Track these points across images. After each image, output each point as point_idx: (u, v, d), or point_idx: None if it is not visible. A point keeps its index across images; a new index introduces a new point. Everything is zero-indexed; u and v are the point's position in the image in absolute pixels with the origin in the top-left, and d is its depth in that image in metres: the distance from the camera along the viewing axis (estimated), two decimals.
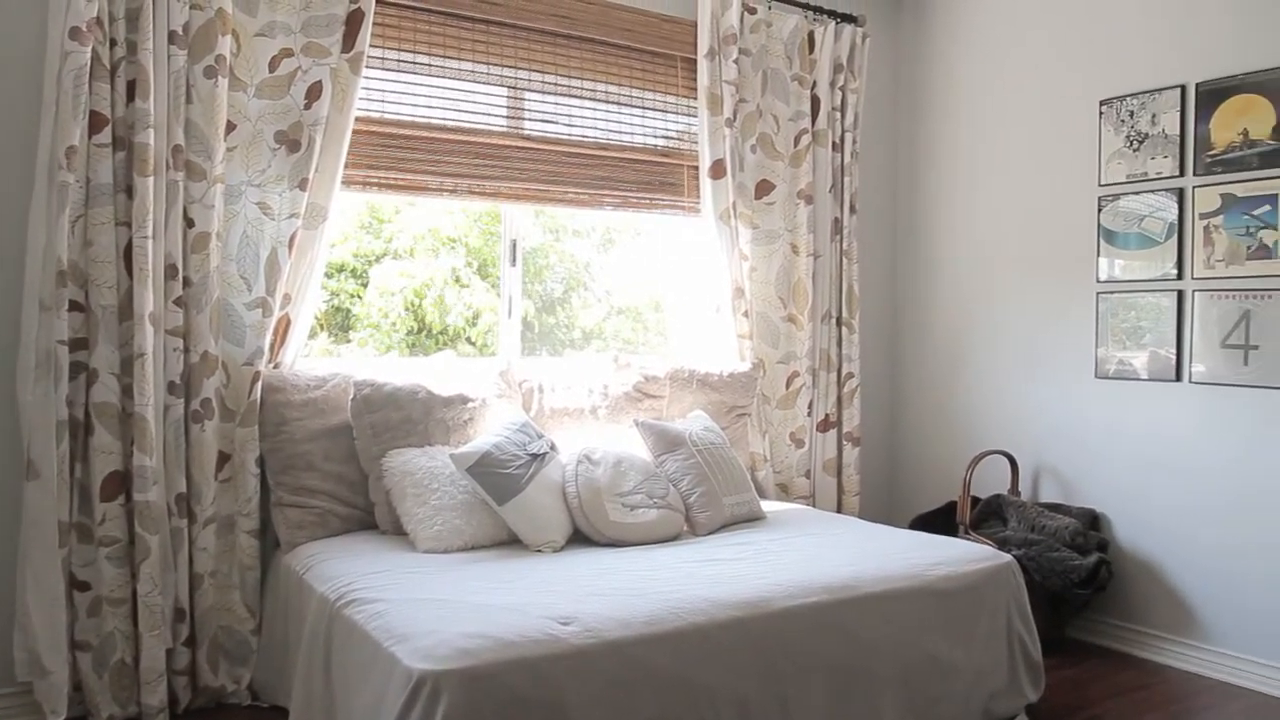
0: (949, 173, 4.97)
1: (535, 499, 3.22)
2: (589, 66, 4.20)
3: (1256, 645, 3.76)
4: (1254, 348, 3.77)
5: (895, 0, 5.19)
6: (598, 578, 2.83)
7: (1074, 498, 4.38)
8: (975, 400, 4.82)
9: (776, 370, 4.54)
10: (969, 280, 4.86)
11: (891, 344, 5.24)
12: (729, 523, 3.63)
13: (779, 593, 2.74)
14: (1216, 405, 3.89)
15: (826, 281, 4.65)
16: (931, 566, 3.08)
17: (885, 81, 5.16)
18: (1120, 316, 4.19)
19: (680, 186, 4.46)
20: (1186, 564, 3.99)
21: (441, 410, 3.47)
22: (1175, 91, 4.01)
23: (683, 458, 3.66)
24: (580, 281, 4.73)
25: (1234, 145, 3.83)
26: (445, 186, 3.87)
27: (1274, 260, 3.71)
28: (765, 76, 4.50)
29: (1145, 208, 4.10)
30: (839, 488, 4.70)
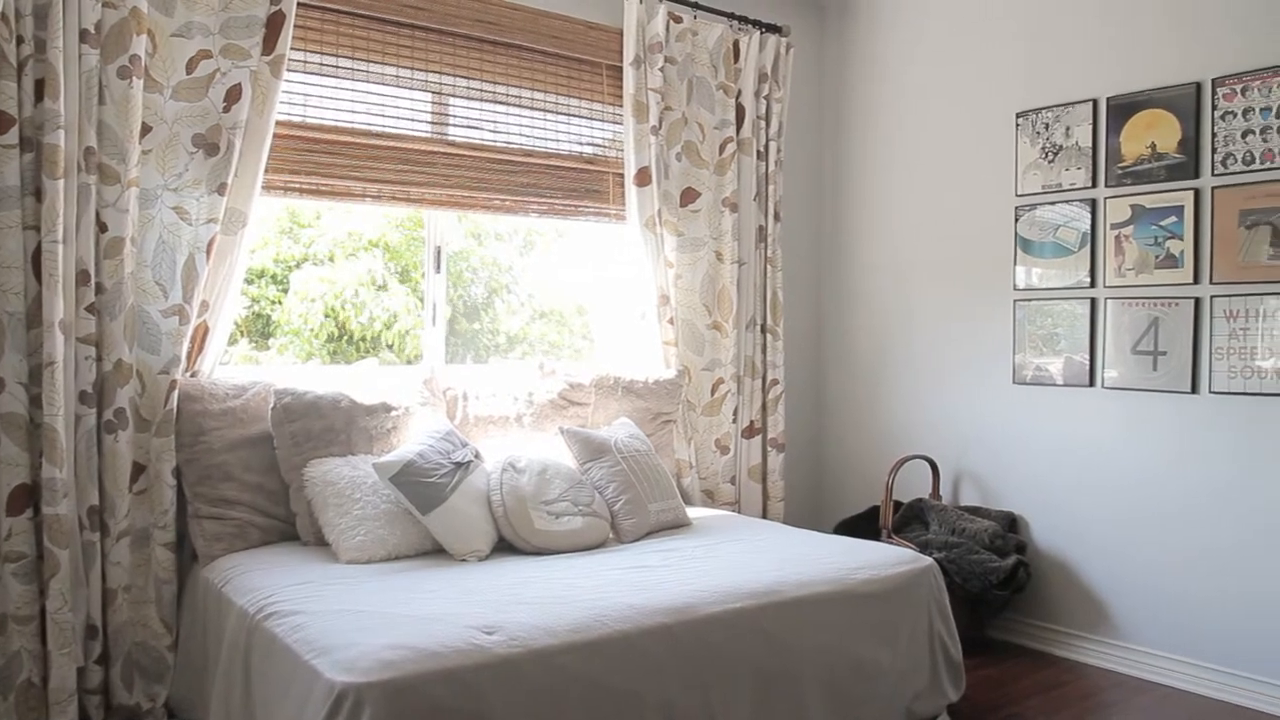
0: (871, 182, 5.05)
1: (459, 508, 3.19)
2: (514, 73, 4.18)
3: (1166, 641, 3.88)
4: (1162, 354, 3.89)
5: (819, 12, 5.26)
6: (523, 586, 2.81)
7: (993, 501, 4.47)
8: (897, 406, 4.90)
9: (702, 377, 4.56)
10: (891, 288, 4.94)
11: (815, 351, 5.30)
12: (654, 530, 3.64)
13: (704, 599, 2.76)
14: (1128, 409, 4.01)
15: (751, 289, 4.69)
16: (854, 570, 3.12)
17: (809, 91, 5.22)
18: (1037, 324, 4.29)
19: (606, 194, 4.47)
20: (1100, 564, 4.10)
21: (364, 419, 3.42)
22: (1088, 105, 4.13)
23: (608, 465, 3.66)
24: (503, 285, 4.71)
25: (1143, 158, 3.96)
26: (369, 192, 3.82)
27: (1180, 269, 3.84)
28: (691, 85, 4.53)
29: (1060, 217, 4.21)
30: (764, 493, 4.74)
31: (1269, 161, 3.62)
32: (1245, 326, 3.67)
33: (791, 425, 5.06)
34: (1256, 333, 3.64)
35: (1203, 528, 3.79)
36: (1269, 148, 3.62)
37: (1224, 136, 3.73)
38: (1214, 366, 3.75)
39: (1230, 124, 3.72)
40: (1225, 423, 3.74)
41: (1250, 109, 3.66)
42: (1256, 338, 3.64)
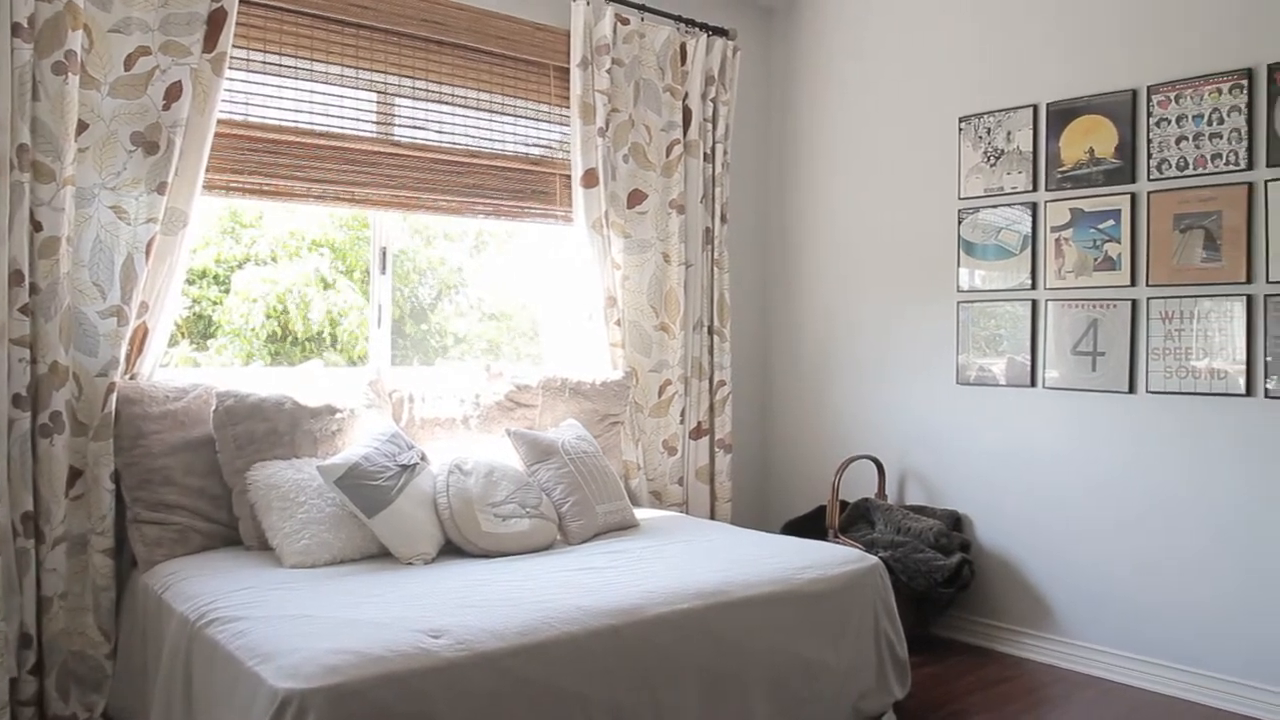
0: (817, 184, 5.09)
1: (405, 511, 3.17)
2: (460, 73, 4.16)
3: (1107, 636, 3.96)
4: (1101, 354, 3.97)
5: (766, 16, 5.30)
6: (470, 589, 2.80)
7: (938, 500, 4.53)
8: (843, 407, 4.94)
9: (649, 378, 4.57)
10: (837, 289, 4.99)
11: (762, 352, 5.33)
12: (602, 531, 3.64)
13: (652, 600, 2.76)
14: (1068, 409, 4.08)
15: (698, 290, 4.71)
16: (801, 570, 3.14)
17: (756, 95, 5.26)
18: (980, 325, 4.35)
19: (553, 195, 4.46)
20: (1043, 561, 4.17)
21: (309, 421, 3.38)
22: (1028, 111, 4.20)
23: (555, 467, 3.65)
24: (452, 287, 4.69)
25: (1082, 162, 4.03)
26: (312, 193, 3.78)
27: (1118, 272, 3.92)
28: (638, 87, 4.53)
29: (1002, 220, 4.28)
30: (712, 494, 4.76)
31: (1201, 167, 3.71)
32: (1180, 328, 3.75)
33: (739, 426, 5.09)
34: (1191, 334, 3.72)
35: (1140, 525, 3.88)
36: (1201, 154, 3.71)
37: (1159, 142, 3.82)
38: (1150, 367, 3.83)
39: (1165, 130, 3.80)
40: (1162, 422, 3.82)
41: (1184, 116, 3.75)
42: (1191, 338, 3.72)
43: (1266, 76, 3.57)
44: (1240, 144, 3.62)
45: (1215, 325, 3.67)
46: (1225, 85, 3.66)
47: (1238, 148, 3.63)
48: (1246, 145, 3.61)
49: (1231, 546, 3.64)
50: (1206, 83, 3.70)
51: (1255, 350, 3.59)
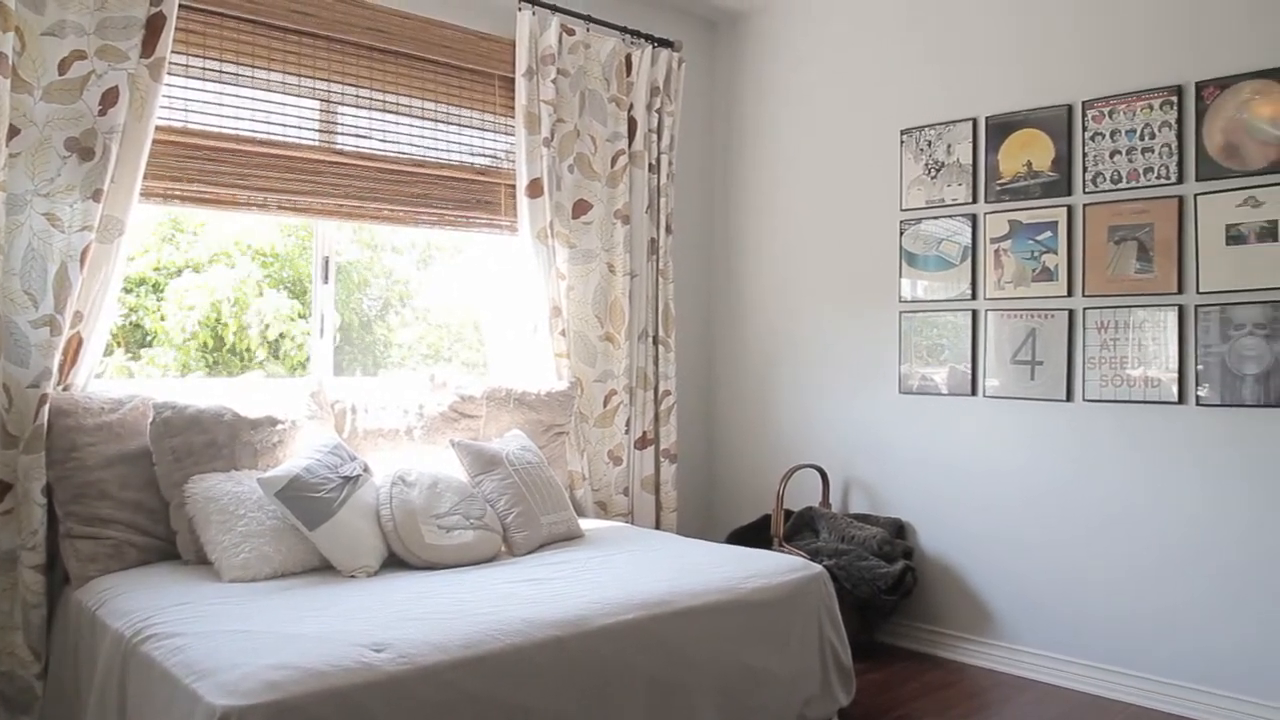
0: (762, 195, 5.13)
1: (348, 523, 3.13)
2: (405, 82, 4.14)
3: (1046, 640, 4.03)
4: (1039, 363, 4.04)
5: (710, 28, 5.33)
6: (413, 602, 2.77)
7: (881, 508, 4.58)
8: (788, 416, 4.97)
9: (594, 389, 4.57)
10: (781, 299, 5.02)
11: (707, 362, 5.35)
12: (547, 542, 3.63)
13: (597, 610, 2.75)
14: (1008, 417, 4.15)
15: (643, 301, 4.72)
16: (746, 579, 3.16)
17: (701, 106, 5.29)
18: (922, 334, 4.41)
19: (498, 205, 4.45)
20: (983, 567, 4.23)
21: (249, 433, 3.33)
22: (968, 124, 4.27)
23: (500, 478, 3.63)
24: (399, 297, 4.65)
25: (1020, 175, 4.11)
26: (254, 201, 3.73)
27: (1055, 283, 3.99)
28: (583, 97, 4.54)
29: (943, 231, 4.34)
30: (657, 504, 4.77)
31: (1134, 181, 3.80)
32: (1115, 337, 3.83)
33: (684, 436, 5.10)
34: (1126, 343, 3.80)
35: (1078, 530, 3.95)
36: (1134, 167, 3.79)
37: (1094, 156, 3.90)
38: (1087, 375, 3.91)
39: (1099, 144, 3.89)
40: (1098, 429, 3.90)
41: (1117, 130, 3.84)
42: (1126, 348, 3.80)
43: (1195, 94, 3.67)
44: (1171, 158, 3.71)
45: (1149, 335, 3.76)
46: (1156, 101, 3.75)
47: (1169, 162, 3.72)
48: (1177, 160, 3.70)
49: (1165, 550, 3.72)
50: (1139, 99, 3.79)
51: (1187, 359, 3.68)
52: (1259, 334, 3.51)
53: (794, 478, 4.71)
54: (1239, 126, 3.57)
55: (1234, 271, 3.57)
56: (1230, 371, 3.57)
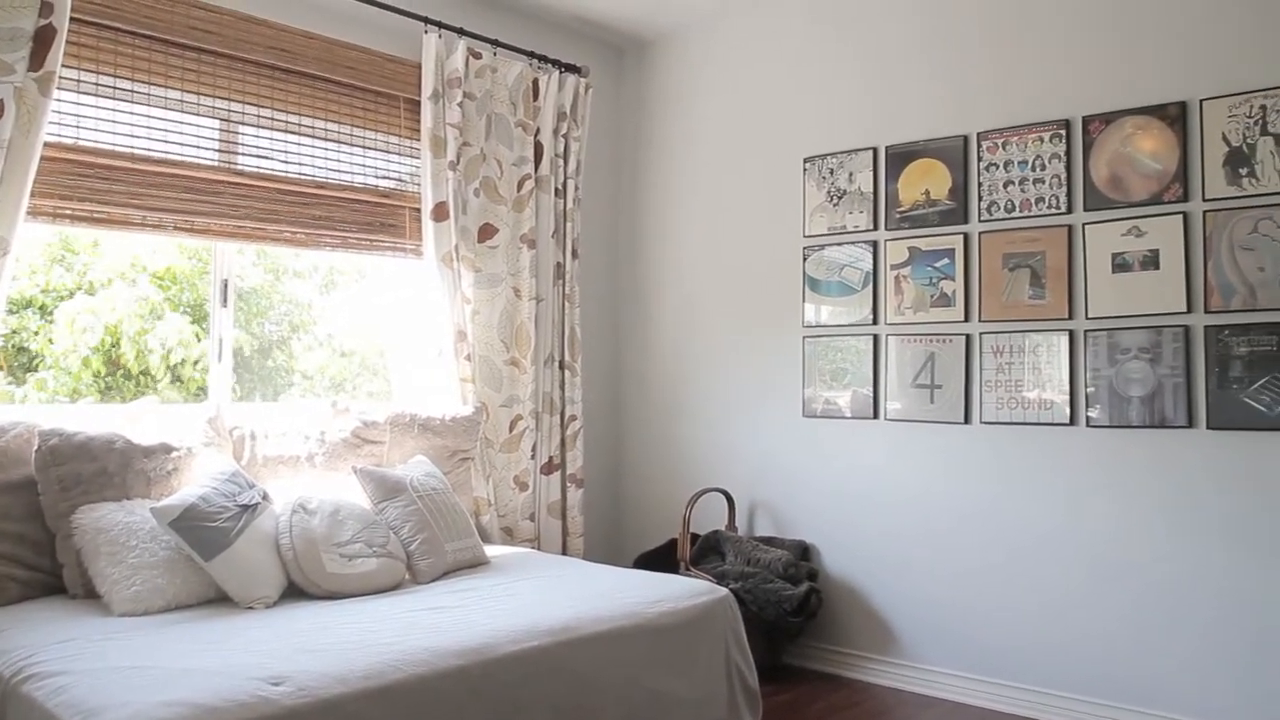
0: (667, 221, 5.17)
1: (245, 552, 3.05)
2: (308, 102, 4.08)
3: (949, 658, 4.10)
4: (938, 387, 4.13)
5: (618, 54, 5.37)
6: (313, 633, 2.71)
7: (786, 530, 4.62)
8: (694, 440, 5.00)
9: (500, 414, 4.53)
10: (687, 324, 5.06)
11: (613, 386, 5.36)
12: (452, 569, 3.58)
13: (502, 638, 2.73)
14: (908, 440, 4.23)
15: (549, 325, 4.71)
16: (652, 604, 3.15)
17: (608, 131, 5.32)
18: (825, 359, 4.48)
19: (402, 228, 4.40)
20: (887, 587, 4.30)
21: (141, 461, 3.23)
22: (869, 153, 4.37)
23: (403, 504, 3.58)
24: (301, 323, 4.56)
25: (918, 203, 4.21)
26: (149, 222, 3.63)
27: (953, 308, 4.10)
28: (490, 121, 4.53)
29: (845, 258, 4.43)
30: (564, 530, 4.74)
31: (1026, 210, 3.93)
32: (1010, 361, 3.95)
33: (590, 461, 5.10)
34: (1021, 367, 3.92)
35: (977, 550, 4.04)
36: (1026, 197, 3.92)
37: (989, 186, 4.03)
38: (984, 398, 4.01)
39: (994, 175, 4.01)
40: (995, 451, 4.00)
41: (1010, 161, 3.97)
42: (1021, 371, 3.92)
43: (1082, 128, 3.82)
44: (1061, 189, 3.85)
45: (1043, 359, 3.88)
46: (1046, 134, 3.89)
47: (1059, 192, 3.86)
48: (1066, 190, 3.84)
49: (1058, 565, 3.83)
50: (1030, 131, 3.93)
51: (1077, 382, 3.80)
52: (1143, 358, 3.65)
53: (700, 501, 4.73)
54: (1123, 160, 3.73)
55: (1120, 298, 3.71)
56: (1118, 394, 3.71)
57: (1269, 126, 3.44)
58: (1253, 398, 3.44)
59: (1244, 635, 3.45)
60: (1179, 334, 3.58)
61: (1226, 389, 3.49)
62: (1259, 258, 3.45)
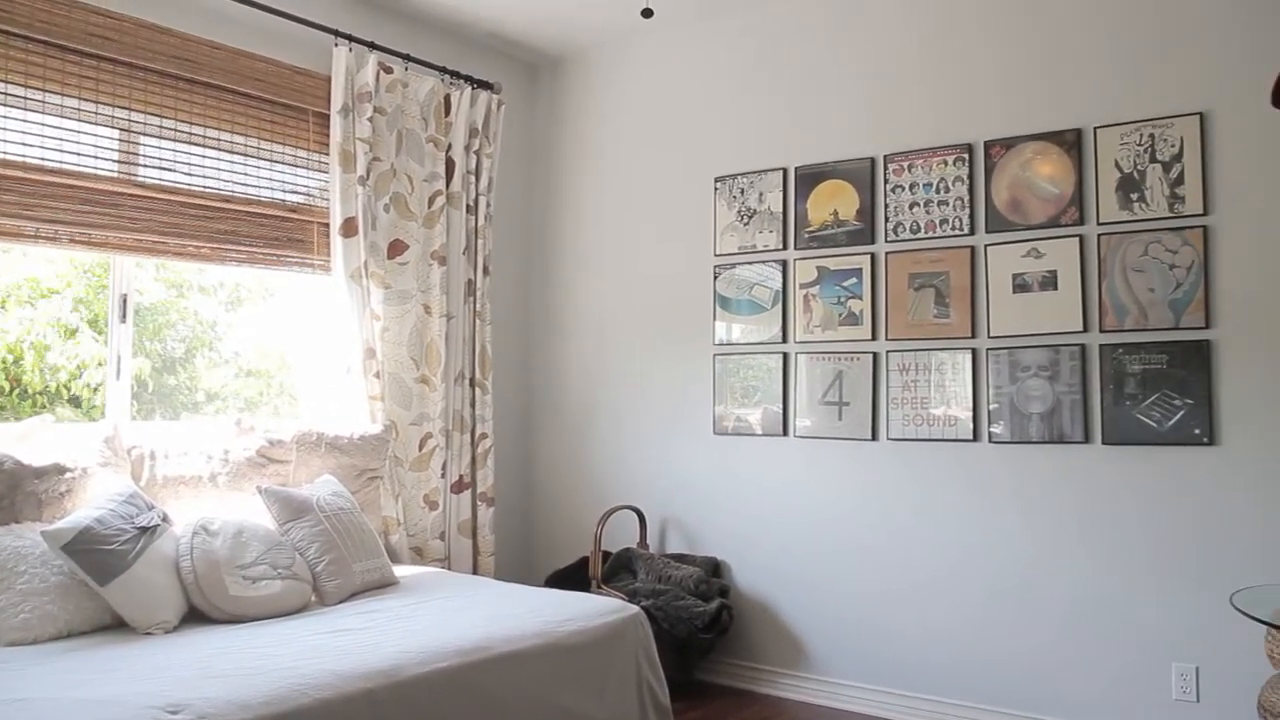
0: (580, 238, 5.17)
1: (144, 576, 2.95)
2: (214, 114, 3.99)
3: (859, 672, 4.16)
4: (846, 404, 4.20)
5: (531, 72, 5.37)
6: (214, 658, 2.63)
7: (698, 547, 4.64)
8: (605, 458, 5.00)
9: (409, 432, 4.48)
10: (599, 342, 5.06)
11: (525, 404, 5.33)
12: (360, 590, 3.52)
13: (410, 659, 2.68)
14: (817, 456, 4.29)
15: (460, 343, 4.67)
16: (563, 623, 3.14)
17: (520, 148, 5.30)
18: (736, 376, 4.52)
19: (310, 244, 4.33)
20: (796, 603, 4.34)
21: (32, 482, 3.10)
22: (779, 173, 4.43)
23: (310, 525, 3.51)
24: (205, 341, 4.44)
25: (827, 224, 4.28)
26: (43, 234, 3.51)
27: (860, 326, 4.17)
28: (400, 136, 4.48)
29: (755, 276, 4.48)
30: (474, 549, 4.69)
31: (931, 231, 4.02)
32: (916, 379, 4.03)
33: (501, 479, 5.06)
34: (926, 384, 4.00)
35: (883, 565, 4.11)
36: (931, 219, 4.02)
37: (894, 207, 4.12)
38: (890, 415, 4.09)
39: (899, 196, 4.10)
40: (901, 467, 4.08)
41: (915, 184, 4.06)
42: (926, 389, 4.00)
43: (984, 152, 3.93)
44: (964, 211, 3.95)
45: (947, 376, 3.97)
46: (950, 158, 3.99)
47: (961, 214, 3.96)
48: (969, 212, 3.95)
49: (967, 580, 3.92)
50: (934, 154, 4.03)
51: (980, 399, 3.90)
52: (1042, 375, 3.76)
53: (612, 519, 4.73)
54: (1022, 183, 3.85)
55: (1020, 317, 3.82)
56: (1018, 410, 3.81)
57: (1157, 154, 3.58)
58: (1144, 414, 3.57)
59: (1135, 644, 3.57)
60: (1076, 352, 3.70)
61: (1120, 405, 3.61)
62: (1149, 279, 3.58)
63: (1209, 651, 3.45)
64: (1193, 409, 3.49)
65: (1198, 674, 3.46)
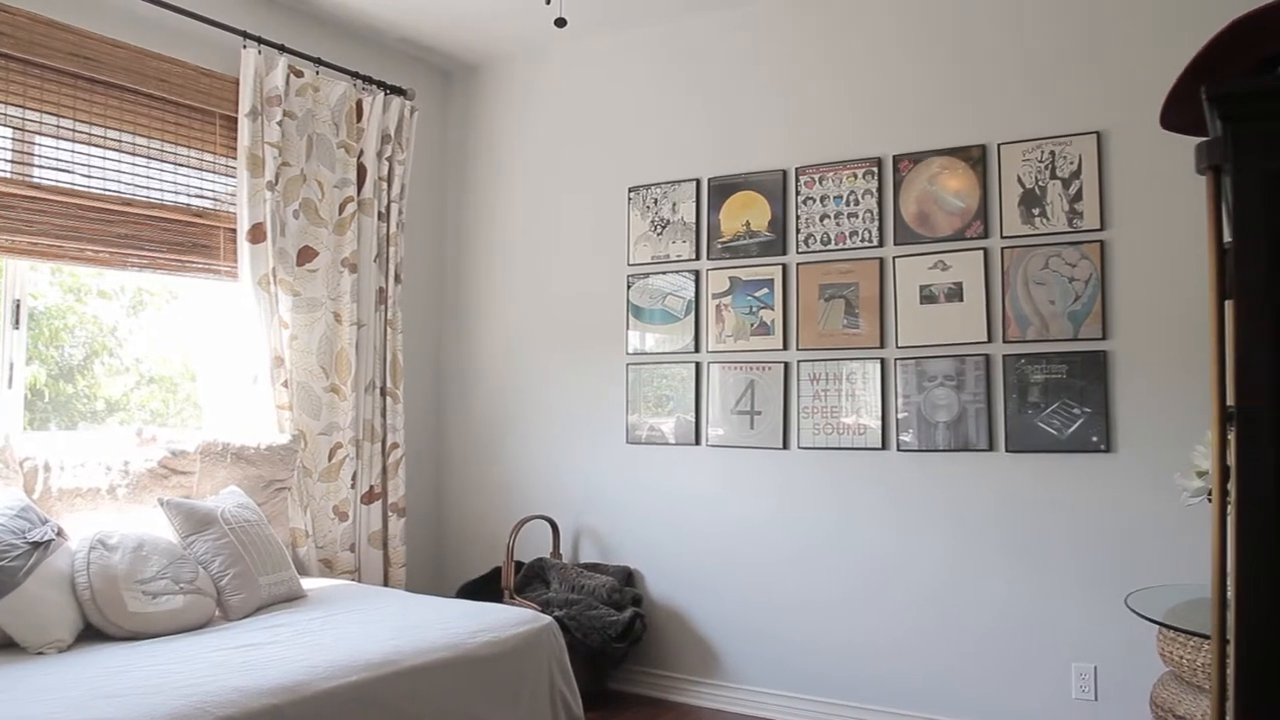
0: (493, 247, 5.14)
1: (36, 594, 2.85)
2: (114, 114, 3.88)
3: (771, 678, 4.20)
4: (758, 413, 4.24)
5: (444, 78, 5.33)
6: (110, 677, 2.55)
7: (611, 556, 4.64)
8: (518, 467, 4.97)
9: (318, 442, 4.39)
10: (512, 351, 5.04)
11: (437, 414, 5.28)
12: (266, 604, 3.44)
13: (317, 674, 2.64)
14: (730, 465, 4.32)
15: (370, 351, 4.60)
16: (474, 634, 3.12)
17: (433, 155, 5.26)
18: (649, 386, 4.54)
19: (216, 249, 4.23)
20: (709, 611, 4.36)
21: None
22: (692, 184, 4.47)
23: (214, 537, 3.42)
24: (105, 347, 4.31)
25: (739, 234, 4.32)
26: None
27: (772, 336, 4.22)
28: (311, 141, 4.41)
29: (669, 286, 4.50)
30: (385, 560, 4.63)
31: (840, 243, 4.09)
32: (826, 388, 4.09)
33: (413, 489, 5.00)
34: (837, 394, 4.06)
35: (795, 573, 4.15)
36: (840, 231, 4.09)
37: (805, 219, 4.17)
38: (802, 424, 4.14)
39: (810, 208, 4.16)
40: (812, 476, 4.13)
41: (826, 196, 4.13)
42: (837, 398, 4.06)
43: (892, 166, 4.01)
44: (873, 223, 4.03)
45: (858, 386, 4.03)
46: (860, 171, 4.06)
47: (871, 227, 4.03)
48: (877, 225, 4.02)
49: (877, 585, 3.98)
50: (844, 168, 4.10)
51: (889, 408, 3.97)
52: (948, 385, 3.85)
53: (525, 529, 4.71)
54: (929, 197, 3.93)
55: (927, 328, 3.90)
56: (925, 419, 3.89)
57: (1057, 171, 3.69)
58: (1045, 422, 3.67)
59: (1037, 645, 3.66)
60: (980, 362, 3.79)
61: (1023, 414, 3.71)
62: (1050, 291, 3.69)
63: (1107, 651, 3.56)
64: (1091, 417, 3.60)
65: (1096, 673, 3.57)
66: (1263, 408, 1.53)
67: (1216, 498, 1.64)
